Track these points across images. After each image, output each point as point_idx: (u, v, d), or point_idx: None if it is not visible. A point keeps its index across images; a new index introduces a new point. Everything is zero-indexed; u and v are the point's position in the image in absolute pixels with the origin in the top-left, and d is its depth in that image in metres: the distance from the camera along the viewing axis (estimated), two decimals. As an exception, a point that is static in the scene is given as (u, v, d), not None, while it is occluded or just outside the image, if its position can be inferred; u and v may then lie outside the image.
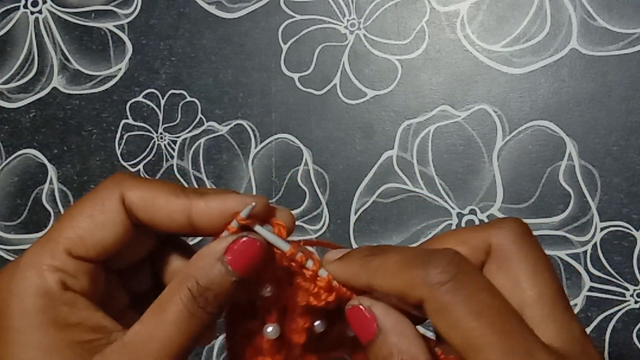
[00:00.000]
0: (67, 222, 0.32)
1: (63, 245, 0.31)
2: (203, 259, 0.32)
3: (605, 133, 0.63)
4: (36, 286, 0.31)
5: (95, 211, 0.32)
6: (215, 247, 0.32)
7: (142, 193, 0.33)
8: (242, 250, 0.31)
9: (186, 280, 0.31)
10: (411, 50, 0.67)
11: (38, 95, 0.73)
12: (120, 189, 0.33)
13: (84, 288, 0.32)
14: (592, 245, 0.63)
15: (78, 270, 0.32)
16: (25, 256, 0.32)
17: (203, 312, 0.31)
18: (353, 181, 0.67)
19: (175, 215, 0.33)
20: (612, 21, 0.63)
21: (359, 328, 0.32)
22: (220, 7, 0.71)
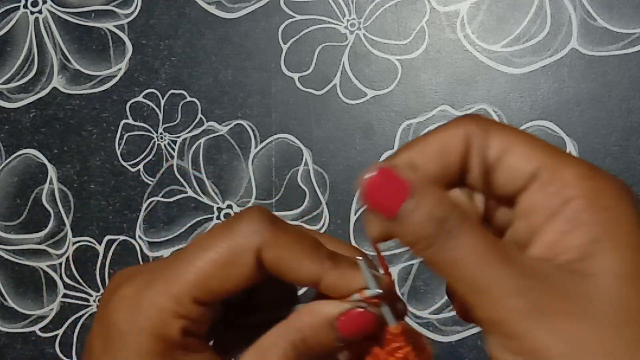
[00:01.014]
0: (193, 265, 0.31)
1: (189, 292, 0.31)
2: (315, 317, 0.31)
3: (605, 133, 0.63)
4: (157, 329, 0.30)
5: (227, 261, 0.31)
6: (329, 309, 0.31)
7: (279, 252, 0.32)
8: (356, 320, 0.31)
9: (293, 333, 0.31)
10: (411, 50, 0.67)
11: (38, 95, 0.73)
12: (258, 242, 0.31)
13: (201, 331, 0.31)
14: (592, 246, 0.63)
15: (201, 317, 0.31)
16: (149, 294, 0.31)
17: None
18: (353, 181, 0.67)
19: (305, 279, 0.32)
20: (612, 21, 0.63)
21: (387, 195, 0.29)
22: (220, 7, 0.71)
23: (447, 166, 0.29)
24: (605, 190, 0.27)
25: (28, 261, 0.73)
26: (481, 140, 0.29)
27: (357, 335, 0.32)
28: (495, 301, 0.26)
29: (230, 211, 0.69)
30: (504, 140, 0.28)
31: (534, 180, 0.28)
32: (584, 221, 0.27)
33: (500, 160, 0.28)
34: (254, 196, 0.69)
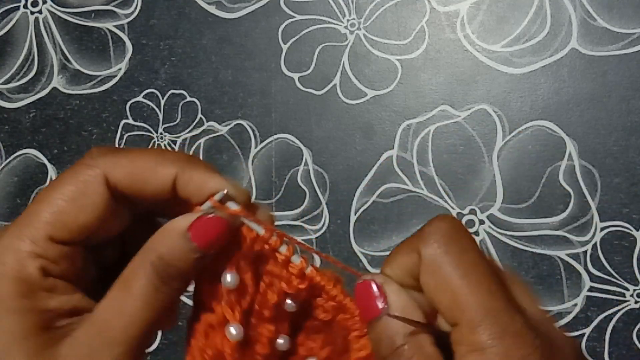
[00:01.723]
0: (46, 204, 0.31)
1: (44, 230, 0.31)
2: (167, 233, 0.31)
3: (605, 133, 0.63)
4: (16, 272, 0.30)
5: (77, 194, 0.31)
6: (179, 222, 0.31)
7: (127, 169, 0.32)
8: (206, 227, 0.31)
9: (149, 254, 0.31)
10: (411, 50, 0.67)
11: (38, 95, 0.73)
12: (102, 168, 0.32)
13: (63, 271, 0.31)
14: (592, 245, 0.63)
15: (59, 255, 0.31)
16: (3, 240, 0.31)
17: (167, 287, 0.31)
18: (353, 181, 0.67)
19: (162, 185, 0.32)
20: (612, 21, 0.63)
21: (365, 304, 0.32)
22: (220, 7, 0.71)
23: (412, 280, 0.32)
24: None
25: (28, 261, 0.73)
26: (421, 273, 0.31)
27: (212, 243, 0.31)
28: None
29: (230, 211, 0.69)
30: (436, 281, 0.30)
31: (455, 329, 0.30)
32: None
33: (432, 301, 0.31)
34: (254, 196, 0.69)
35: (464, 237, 0.31)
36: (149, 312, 0.30)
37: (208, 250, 0.32)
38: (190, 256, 0.31)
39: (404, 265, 0.32)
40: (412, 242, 0.31)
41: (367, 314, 0.32)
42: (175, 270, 0.31)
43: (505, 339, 0.28)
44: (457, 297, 0.29)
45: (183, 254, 0.31)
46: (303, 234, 0.68)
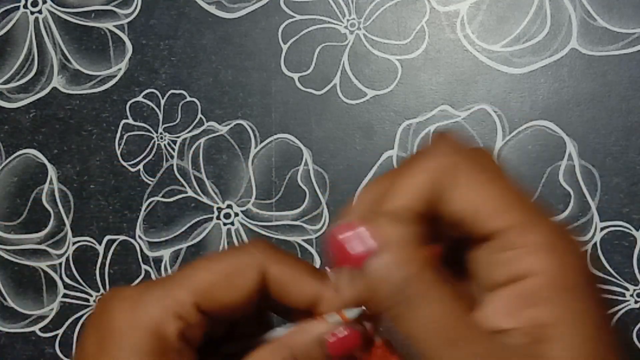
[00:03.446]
0: (202, 272, 0.32)
1: (194, 296, 0.31)
2: (306, 336, 0.32)
3: (605, 133, 0.63)
4: (156, 327, 0.30)
5: (233, 272, 0.32)
6: (320, 329, 0.32)
7: (283, 270, 0.32)
8: (345, 340, 0.32)
9: (284, 350, 0.31)
10: (411, 50, 0.67)
11: (38, 95, 0.73)
12: (263, 260, 0.32)
13: (195, 339, 0.32)
14: (592, 245, 0.63)
15: (197, 323, 0.31)
16: (153, 291, 0.31)
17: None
18: (353, 181, 0.67)
19: (306, 296, 0.33)
20: (612, 21, 0.63)
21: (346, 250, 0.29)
22: (220, 7, 0.71)
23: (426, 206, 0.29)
24: (567, 269, 0.26)
25: (28, 261, 0.73)
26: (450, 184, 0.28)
27: (345, 354, 0.32)
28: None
29: (230, 211, 0.69)
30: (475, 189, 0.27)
31: (497, 237, 0.27)
32: (542, 299, 0.26)
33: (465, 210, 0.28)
34: (254, 196, 0.69)
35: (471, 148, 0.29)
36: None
37: (337, 355, 0.32)
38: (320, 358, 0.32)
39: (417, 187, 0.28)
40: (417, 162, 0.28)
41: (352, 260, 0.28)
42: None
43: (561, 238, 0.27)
44: (495, 200, 0.27)
45: (315, 357, 0.32)
46: (303, 234, 0.68)
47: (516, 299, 0.26)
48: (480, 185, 0.28)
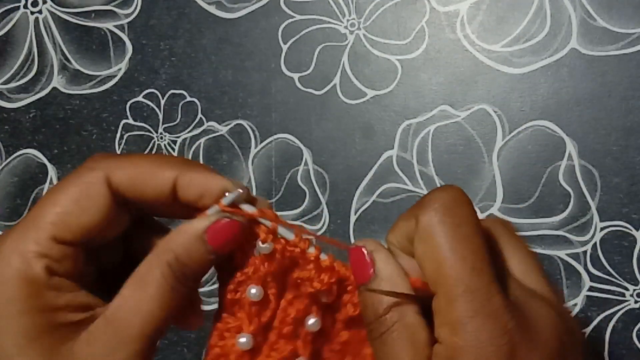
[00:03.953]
0: (50, 206, 0.32)
1: (48, 231, 0.31)
2: (183, 234, 0.32)
3: (605, 133, 0.63)
4: (22, 273, 0.30)
5: (80, 195, 0.32)
6: (196, 225, 0.32)
7: (128, 171, 0.33)
8: (223, 230, 0.32)
9: (166, 254, 0.32)
10: (411, 50, 0.67)
11: (38, 95, 0.73)
12: (105, 171, 0.33)
13: (68, 271, 0.32)
14: (592, 245, 0.63)
15: (63, 255, 0.32)
16: (8, 242, 0.31)
17: (182, 287, 0.32)
18: (353, 181, 0.67)
19: (162, 188, 0.33)
20: (612, 21, 0.63)
21: (357, 269, 0.32)
22: (220, 7, 0.71)
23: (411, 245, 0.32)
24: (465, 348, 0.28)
25: (28, 261, 0.73)
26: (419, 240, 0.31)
27: (227, 244, 0.33)
28: None
29: (230, 211, 0.69)
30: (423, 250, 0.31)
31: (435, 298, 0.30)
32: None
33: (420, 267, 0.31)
34: (254, 196, 0.69)
35: (462, 209, 0.31)
36: (164, 310, 0.31)
37: (223, 251, 0.33)
38: (206, 257, 0.32)
39: (404, 230, 0.32)
40: (414, 208, 0.32)
41: (359, 279, 0.32)
42: (191, 270, 0.32)
43: (477, 319, 0.29)
44: (440, 268, 0.30)
45: (199, 255, 0.32)
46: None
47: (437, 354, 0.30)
48: (439, 250, 0.30)
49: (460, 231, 0.30)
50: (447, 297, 0.29)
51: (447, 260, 0.30)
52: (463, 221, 0.31)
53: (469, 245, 0.30)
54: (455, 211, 0.31)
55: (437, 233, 0.30)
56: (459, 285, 0.29)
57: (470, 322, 0.29)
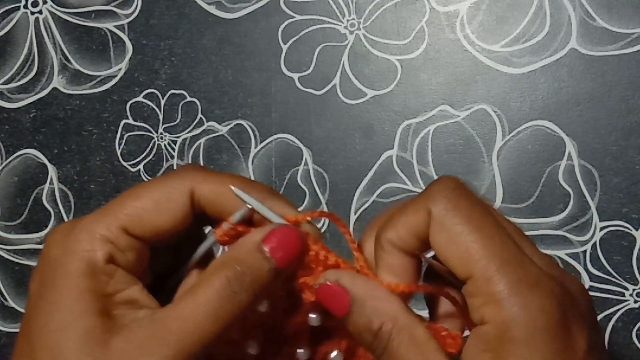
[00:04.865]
0: (131, 199, 0.33)
1: (121, 220, 0.32)
2: (243, 246, 0.32)
3: (605, 133, 0.63)
4: (85, 251, 0.31)
5: (161, 197, 0.33)
6: (254, 236, 0.32)
7: (213, 186, 0.33)
8: (281, 240, 0.32)
9: (224, 266, 0.31)
10: (411, 50, 0.67)
11: (38, 96, 0.73)
12: (191, 182, 0.33)
13: (128, 263, 0.32)
14: (591, 245, 0.63)
15: (128, 247, 0.32)
16: (83, 221, 0.32)
17: (235, 298, 0.31)
18: (353, 181, 0.67)
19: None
20: (611, 21, 0.63)
21: (333, 304, 0.32)
22: (220, 7, 0.71)
23: (416, 240, 0.32)
24: (519, 320, 0.28)
25: (28, 261, 0.73)
26: (431, 230, 0.31)
27: (288, 255, 0.32)
28: None
29: (230, 211, 0.69)
30: (448, 236, 0.30)
31: (468, 283, 0.30)
32: (491, 348, 0.29)
33: (443, 258, 0.31)
34: (254, 196, 0.69)
35: (469, 192, 0.31)
36: (210, 320, 0.30)
37: (283, 263, 0.32)
38: (264, 267, 0.32)
39: (410, 224, 0.32)
40: (419, 201, 0.31)
41: (340, 312, 0.32)
42: (247, 280, 0.31)
43: (522, 290, 0.28)
44: (470, 249, 0.29)
45: (257, 264, 0.31)
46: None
47: (476, 342, 0.29)
48: (462, 234, 0.30)
49: (477, 212, 0.30)
50: (485, 276, 0.29)
51: (475, 241, 0.29)
52: (474, 203, 0.31)
53: (490, 222, 0.30)
54: (465, 195, 0.31)
55: (456, 218, 0.30)
56: (494, 261, 0.29)
57: (516, 294, 0.28)
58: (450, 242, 0.30)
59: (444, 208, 0.30)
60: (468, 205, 0.30)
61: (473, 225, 0.30)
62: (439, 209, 0.30)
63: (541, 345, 0.28)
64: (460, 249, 0.30)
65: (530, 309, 0.28)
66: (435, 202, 0.31)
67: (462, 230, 0.30)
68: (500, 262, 0.29)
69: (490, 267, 0.29)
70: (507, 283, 0.28)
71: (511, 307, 0.28)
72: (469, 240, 0.30)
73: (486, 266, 0.29)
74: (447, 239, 0.30)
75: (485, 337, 0.29)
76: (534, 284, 0.28)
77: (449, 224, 0.30)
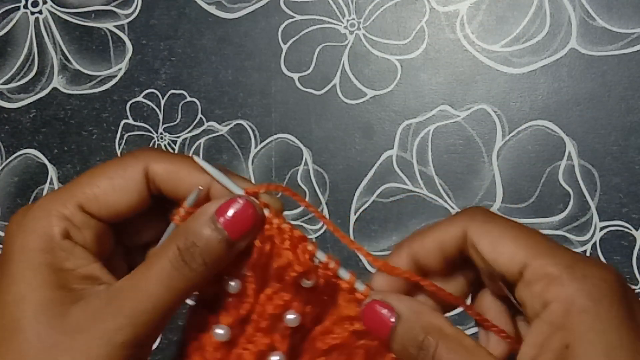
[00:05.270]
0: (86, 178, 0.33)
1: (77, 198, 0.33)
2: (195, 218, 0.32)
3: (605, 133, 0.63)
4: (41, 228, 0.32)
5: (116, 175, 0.33)
6: (207, 208, 0.32)
7: (166, 165, 0.34)
8: (235, 212, 0.32)
9: (176, 238, 0.32)
10: (411, 50, 0.67)
11: (38, 96, 0.74)
12: (145, 161, 0.34)
13: (86, 241, 0.33)
14: (591, 245, 0.63)
15: (84, 224, 0.33)
16: (40, 200, 0.33)
17: (186, 268, 0.31)
18: (353, 181, 0.67)
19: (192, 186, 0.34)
20: (611, 21, 0.63)
21: (377, 323, 0.32)
22: (220, 7, 0.71)
23: (446, 259, 0.33)
24: (583, 291, 0.29)
25: (28, 261, 0.73)
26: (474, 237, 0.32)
27: (240, 229, 0.32)
28: None
29: (230, 211, 0.69)
30: (492, 238, 0.32)
31: (521, 277, 0.31)
32: (560, 325, 0.29)
33: (492, 259, 0.32)
34: (254, 196, 0.69)
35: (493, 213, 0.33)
36: (163, 291, 0.31)
37: (235, 235, 0.32)
38: (215, 238, 0.32)
39: (440, 239, 0.33)
40: (451, 220, 0.33)
41: (382, 331, 0.32)
42: (197, 251, 0.31)
43: (578, 265, 0.29)
44: (518, 244, 0.31)
45: (208, 235, 0.32)
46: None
47: (542, 328, 0.30)
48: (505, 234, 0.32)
49: (511, 221, 0.32)
50: (541, 262, 0.30)
51: (519, 237, 0.31)
52: (501, 217, 0.33)
53: (525, 227, 0.32)
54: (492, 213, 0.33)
55: (496, 224, 0.32)
56: (544, 249, 0.30)
57: (575, 269, 0.29)
58: (496, 242, 0.31)
59: (483, 220, 0.32)
60: (499, 217, 0.33)
61: (513, 226, 0.32)
62: (479, 221, 0.32)
63: (607, 311, 0.28)
64: (508, 246, 0.31)
65: (592, 278, 0.29)
66: (473, 217, 0.32)
67: (504, 232, 0.31)
68: (550, 249, 0.30)
69: (544, 253, 0.30)
70: (563, 263, 0.29)
71: (573, 280, 0.29)
72: (514, 237, 0.31)
73: (539, 253, 0.30)
74: (492, 240, 0.31)
75: (550, 318, 0.29)
76: (588, 262, 0.30)
77: (491, 228, 0.32)
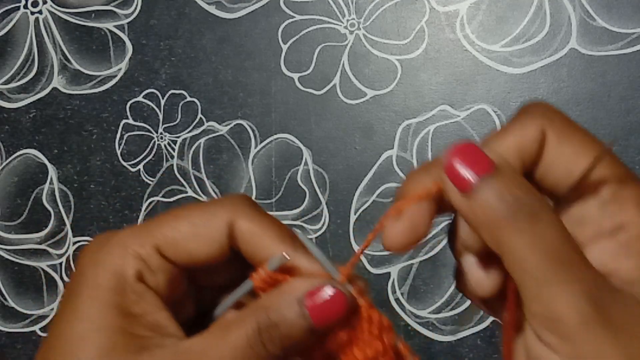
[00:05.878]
0: (168, 220, 0.32)
1: (156, 239, 0.31)
2: (282, 296, 0.30)
3: (605, 133, 0.63)
4: (115, 266, 0.30)
5: (200, 222, 0.31)
6: (297, 288, 0.30)
7: (252, 226, 0.31)
8: (327, 301, 0.30)
9: (258, 311, 0.30)
10: (411, 50, 0.67)
11: (38, 95, 0.74)
12: (233, 213, 0.32)
13: (158, 286, 0.31)
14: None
15: (159, 268, 0.31)
16: (119, 235, 0.31)
17: (262, 349, 0.29)
18: (353, 181, 0.67)
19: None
20: (611, 21, 0.63)
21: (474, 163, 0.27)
22: (220, 7, 0.71)
23: (524, 160, 0.30)
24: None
25: (28, 261, 0.73)
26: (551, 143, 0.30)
27: (328, 319, 0.29)
28: (558, 299, 0.26)
29: (230, 211, 0.69)
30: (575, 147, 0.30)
31: (594, 194, 0.29)
32: (637, 250, 0.28)
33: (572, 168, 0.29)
34: (254, 196, 0.69)
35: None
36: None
37: (321, 324, 0.30)
38: (298, 324, 0.29)
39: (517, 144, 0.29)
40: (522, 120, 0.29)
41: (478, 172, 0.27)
42: (278, 334, 0.29)
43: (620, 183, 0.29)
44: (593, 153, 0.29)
45: (292, 319, 0.29)
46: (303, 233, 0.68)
47: (610, 251, 0.28)
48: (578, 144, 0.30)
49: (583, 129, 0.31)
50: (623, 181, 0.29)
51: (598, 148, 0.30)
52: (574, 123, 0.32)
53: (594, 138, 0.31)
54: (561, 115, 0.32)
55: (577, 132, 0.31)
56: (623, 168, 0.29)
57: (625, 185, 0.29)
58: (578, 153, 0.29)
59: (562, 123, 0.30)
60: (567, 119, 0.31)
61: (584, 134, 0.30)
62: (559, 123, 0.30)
63: None
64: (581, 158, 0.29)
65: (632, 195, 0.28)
66: (552, 116, 0.30)
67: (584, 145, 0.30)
68: (624, 169, 0.29)
69: (620, 172, 0.29)
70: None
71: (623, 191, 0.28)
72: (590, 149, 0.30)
73: (616, 172, 0.29)
74: (573, 150, 0.30)
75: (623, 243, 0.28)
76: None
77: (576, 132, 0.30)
